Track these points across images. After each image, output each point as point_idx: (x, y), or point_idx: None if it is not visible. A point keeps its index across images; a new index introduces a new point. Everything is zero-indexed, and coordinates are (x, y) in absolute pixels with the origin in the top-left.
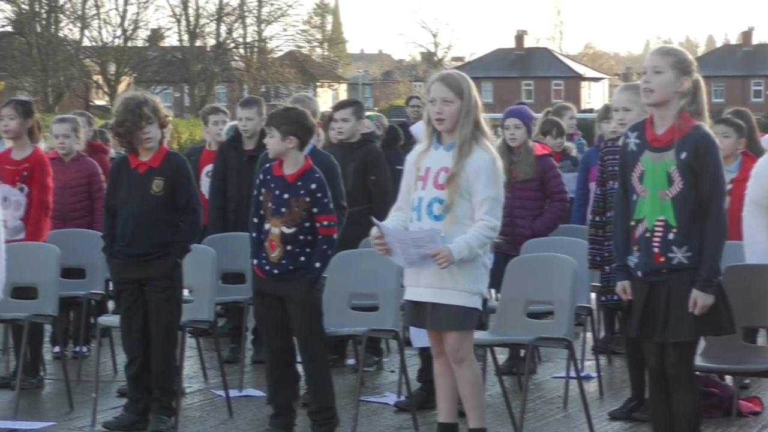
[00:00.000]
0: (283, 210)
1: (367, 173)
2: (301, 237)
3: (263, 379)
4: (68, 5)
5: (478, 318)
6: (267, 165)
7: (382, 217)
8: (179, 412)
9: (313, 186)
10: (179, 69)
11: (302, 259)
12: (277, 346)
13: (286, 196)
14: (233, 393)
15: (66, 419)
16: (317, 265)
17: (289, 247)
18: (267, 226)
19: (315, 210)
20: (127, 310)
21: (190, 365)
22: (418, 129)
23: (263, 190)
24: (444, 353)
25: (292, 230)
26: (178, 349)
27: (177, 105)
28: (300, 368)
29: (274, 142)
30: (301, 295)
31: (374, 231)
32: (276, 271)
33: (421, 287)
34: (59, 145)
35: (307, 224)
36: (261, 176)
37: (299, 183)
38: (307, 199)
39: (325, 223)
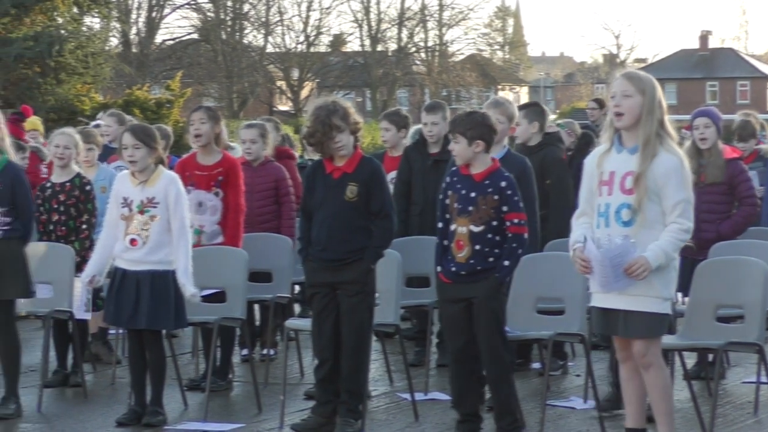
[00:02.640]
0: (470, 208)
1: (543, 176)
2: (489, 236)
3: (448, 382)
4: (252, 12)
5: (667, 323)
6: (453, 168)
7: (558, 221)
8: (365, 415)
9: (503, 184)
10: (361, 74)
11: (490, 259)
12: (462, 352)
13: (473, 194)
14: (419, 396)
15: (254, 421)
16: (506, 263)
17: (477, 247)
18: (453, 226)
19: (505, 208)
20: (319, 313)
21: (375, 368)
22: None
23: (449, 193)
24: (630, 358)
25: (480, 228)
26: (366, 353)
27: (359, 110)
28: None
29: (460, 148)
30: (487, 297)
31: (576, 247)
32: (463, 272)
33: (611, 294)
34: (246, 150)
35: (495, 223)
36: (447, 179)
37: (486, 181)
38: (496, 197)
39: (516, 221)
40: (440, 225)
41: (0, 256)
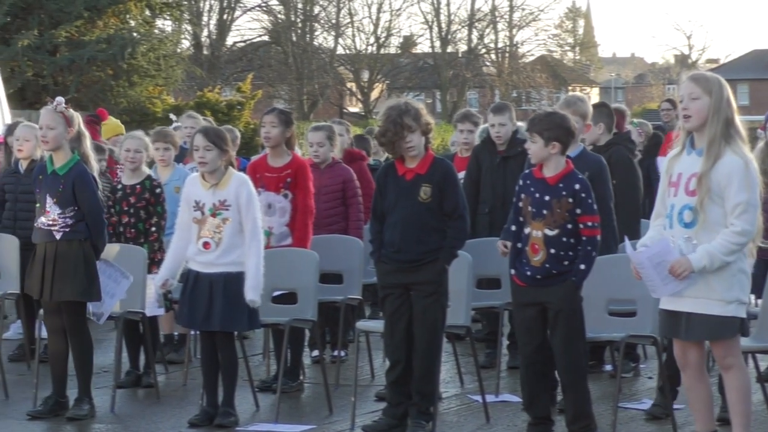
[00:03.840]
0: (545, 212)
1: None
2: (564, 239)
3: (519, 384)
4: (323, 14)
5: (738, 325)
6: (526, 171)
7: (623, 221)
8: (436, 417)
9: (577, 186)
10: (431, 75)
11: (566, 263)
12: (535, 355)
13: (547, 198)
14: (489, 398)
15: (325, 423)
16: (582, 267)
17: (552, 250)
18: (527, 230)
19: (578, 211)
20: (392, 314)
21: (446, 370)
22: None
23: (523, 196)
24: (690, 364)
25: (554, 232)
26: (438, 355)
27: (429, 111)
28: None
29: (536, 148)
30: (563, 300)
31: (629, 253)
32: (539, 276)
33: (677, 296)
34: (314, 153)
35: (569, 226)
36: (521, 182)
37: (560, 185)
38: (570, 200)
39: (589, 224)
40: (513, 228)
41: (61, 257)
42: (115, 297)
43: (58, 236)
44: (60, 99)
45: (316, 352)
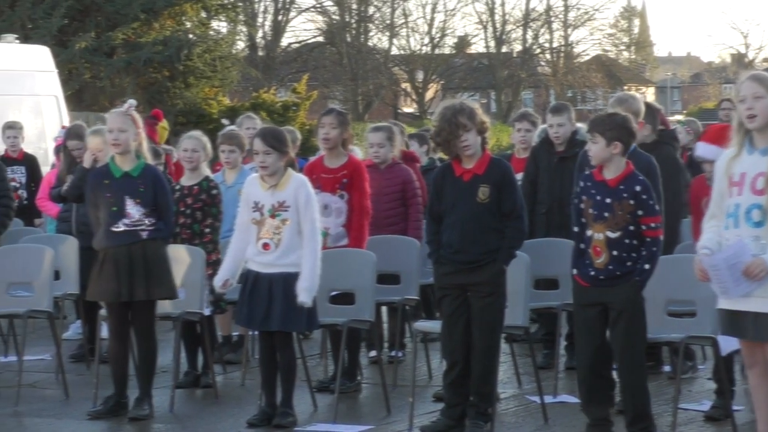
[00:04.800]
0: (606, 215)
1: None
2: (627, 241)
3: (577, 385)
4: (377, 15)
5: None
6: (587, 172)
7: (668, 220)
8: (494, 418)
9: (638, 188)
10: (486, 75)
11: (629, 264)
12: (595, 355)
13: (608, 200)
14: (547, 399)
15: (383, 423)
16: (646, 267)
17: (615, 252)
18: (589, 232)
19: (640, 212)
20: (450, 315)
21: (503, 371)
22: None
23: (584, 198)
24: (757, 363)
25: (617, 234)
26: (497, 356)
27: (484, 111)
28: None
29: (598, 149)
30: (626, 301)
31: (701, 254)
32: (602, 277)
33: (742, 296)
34: (374, 154)
35: (631, 227)
36: (581, 184)
37: (621, 186)
38: (631, 201)
39: (652, 225)
40: (576, 229)
41: (147, 257)
42: None
43: (144, 236)
44: (132, 102)
45: (373, 353)
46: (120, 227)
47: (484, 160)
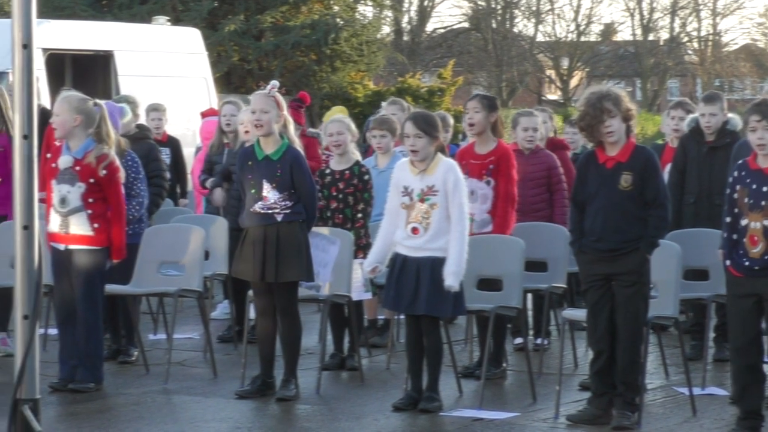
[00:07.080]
0: (763, 203)
1: None
2: None
3: (726, 377)
4: (523, 1)
5: None
6: (740, 161)
7: None
8: (642, 408)
9: None
10: (631, 63)
11: None
12: (748, 348)
13: (765, 188)
14: (696, 391)
15: (529, 410)
16: None
17: None
18: (744, 222)
19: None
20: (594, 305)
21: (650, 361)
22: None
23: (738, 187)
24: None
25: None
26: (642, 345)
27: (630, 99)
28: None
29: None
30: None
31: None
32: (757, 267)
33: None
34: (528, 138)
35: None
36: (735, 173)
37: None
38: None
39: None
40: (728, 219)
41: (280, 239)
42: (328, 266)
43: (279, 218)
44: (275, 83)
45: (519, 340)
46: (256, 209)
47: (628, 147)
